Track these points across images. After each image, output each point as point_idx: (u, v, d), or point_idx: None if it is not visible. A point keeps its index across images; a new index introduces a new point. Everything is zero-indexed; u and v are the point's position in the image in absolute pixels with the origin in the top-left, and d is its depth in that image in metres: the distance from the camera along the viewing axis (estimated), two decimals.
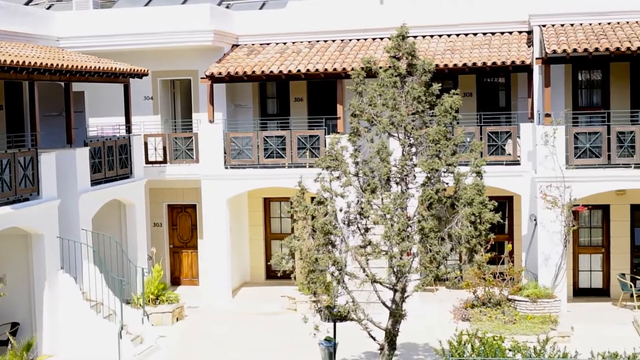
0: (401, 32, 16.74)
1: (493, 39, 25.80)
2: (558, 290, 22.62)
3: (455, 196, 16.15)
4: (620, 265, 24.68)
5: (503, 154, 24.02)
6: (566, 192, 22.45)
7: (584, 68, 25.17)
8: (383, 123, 16.26)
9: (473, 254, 16.20)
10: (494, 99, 26.61)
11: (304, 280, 16.57)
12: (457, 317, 22.39)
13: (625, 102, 24.79)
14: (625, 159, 22.45)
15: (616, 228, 24.77)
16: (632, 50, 21.96)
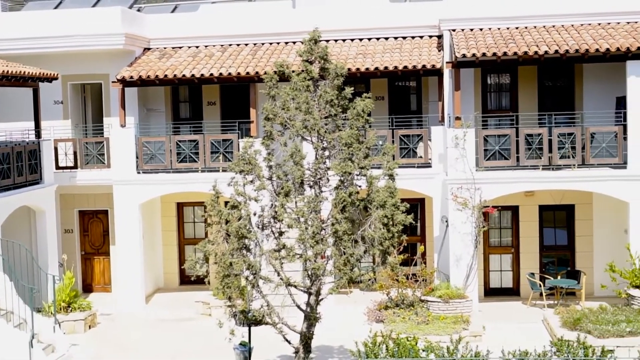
0: (313, 36, 16.82)
1: (404, 44, 26.09)
2: (469, 290, 22.98)
3: (368, 199, 16.28)
4: (529, 265, 25.21)
5: (415, 156, 24.31)
6: (476, 193, 22.83)
7: (493, 72, 25.66)
8: (296, 127, 16.31)
9: (386, 255, 16.37)
10: (406, 103, 26.91)
11: (219, 284, 16.50)
12: (371, 318, 22.55)
13: (533, 105, 25.35)
14: (534, 160, 22.95)
15: (525, 228, 25.31)
16: (539, 55, 22.48)
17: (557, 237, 25.57)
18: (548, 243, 25.53)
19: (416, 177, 24.08)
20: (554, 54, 22.52)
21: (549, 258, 25.55)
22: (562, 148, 22.84)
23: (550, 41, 23.01)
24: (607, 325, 20.28)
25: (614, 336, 19.82)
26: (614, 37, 22.94)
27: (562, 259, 25.52)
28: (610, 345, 18.49)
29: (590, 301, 23.41)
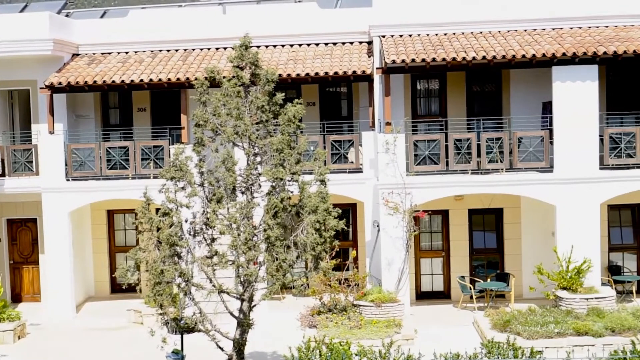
0: (244, 42, 16.82)
1: (335, 49, 26.23)
2: (401, 294, 23.18)
3: (300, 204, 16.32)
4: (460, 268, 25.53)
5: (346, 162, 24.45)
6: (407, 198, 23.05)
7: (422, 77, 25.95)
8: (227, 133, 16.28)
9: (319, 261, 16.42)
10: (337, 108, 27.05)
11: (150, 292, 16.36)
12: (304, 324, 22.59)
13: (461, 110, 25.70)
14: (463, 165, 23.27)
15: (455, 232, 25.63)
16: (467, 60, 22.81)
17: (487, 240, 25.95)
18: (478, 246, 25.90)
19: (348, 182, 24.21)
20: (481, 60, 22.89)
21: (478, 261, 25.91)
22: (490, 152, 23.20)
23: (477, 47, 23.36)
24: (536, 326, 20.64)
25: (542, 337, 20.18)
26: (540, 44, 23.40)
27: (492, 261, 25.90)
28: (539, 346, 18.87)
29: (520, 303, 23.80)
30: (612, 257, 25.57)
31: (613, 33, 24.18)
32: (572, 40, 23.56)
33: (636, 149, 23.11)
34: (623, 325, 20.57)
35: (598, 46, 22.89)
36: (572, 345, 19.55)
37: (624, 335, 20.03)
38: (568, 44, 23.17)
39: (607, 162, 23.23)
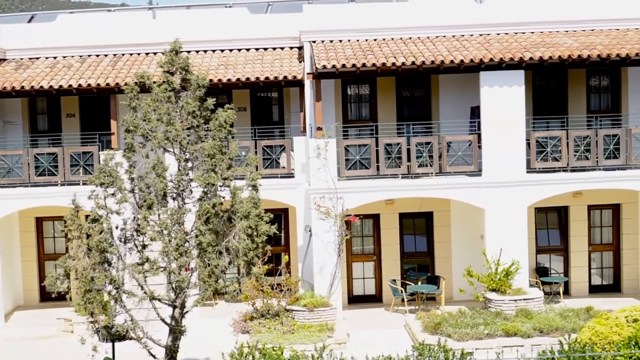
0: (174, 47, 16.75)
1: (266, 55, 26.27)
2: (334, 298, 23.28)
3: (232, 210, 16.31)
4: (391, 272, 25.73)
5: (278, 167, 24.47)
6: (339, 202, 23.18)
7: (353, 83, 26.10)
8: (158, 138, 16.20)
9: (251, 266, 16.43)
10: (268, 113, 27.06)
11: (80, 300, 16.18)
12: (237, 329, 22.54)
13: (391, 115, 25.92)
14: (393, 169, 23.49)
15: (386, 236, 25.83)
16: (397, 66, 23.04)
17: (417, 243, 26.20)
18: (408, 250, 26.12)
19: (279, 187, 24.24)
20: (410, 66, 23.15)
21: (409, 264, 26.14)
22: (420, 157, 23.47)
23: (407, 53, 23.62)
24: (466, 328, 20.92)
25: (473, 339, 20.45)
26: (468, 49, 23.75)
27: (423, 265, 26.15)
28: (469, 348, 19.07)
29: (450, 305, 24.08)
30: (540, 259, 26.04)
31: (539, 39, 24.66)
32: (499, 46, 23.97)
33: (562, 152, 23.59)
34: (551, 325, 20.97)
35: (524, 52, 23.32)
36: (501, 346, 19.86)
37: (552, 336, 20.41)
38: (495, 50, 23.56)
39: (534, 166, 23.68)
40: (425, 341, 17.39)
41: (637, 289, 25.87)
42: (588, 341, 17.67)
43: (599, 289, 26.13)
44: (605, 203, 25.93)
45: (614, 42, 24.07)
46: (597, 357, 16.63)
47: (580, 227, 25.95)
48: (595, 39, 24.51)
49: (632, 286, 25.94)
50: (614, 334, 17.59)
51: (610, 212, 26.18)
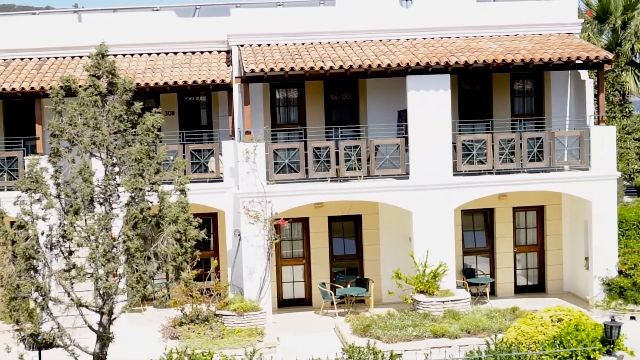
0: (101, 51, 16.57)
1: (193, 58, 26.13)
2: (263, 302, 23.26)
3: (160, 214, 16.20)
4: (320, 275, 25.80)
5: (206, 171, 24.36)
6: (268, 206, 23.17)
7: (281, 87, 26.13)
8: (84, 143, 16.00)
9: (180, 271, 16.33)
10: (196, 117, 26.91)
11: (6, 308, 15.88)
12: (166, 335, 22.37)
13: (320, 118, 26.00)
14: (322, 173, 23.58)
15: (316, 239, 25.90)
16: (324, 70, 23.14)
17: (346, 246, 26.33)
18: (338, 253, 26.24)
19: (208, 191, 24.14)
20: (338, 70, 23.28)
21: (339, 267, 26.25)
22: (349, 160, 23.60)
23: (335, 57, 23.74)
24: (395, 330, 21.10)
25: (401, 340, 20.64)
26: (395, 54, 23.98)
27: (352, 267, 26.28)
28: (398, 349, 19.27)
29: (379, 307, 24.26)
30: (467, 261, 26.39)
31: (464, 44, 25.02)
32: (425, 51, 24.25)
33: (487, 155, 23.96)
34: (478, 326, 21.28)
35: (450, 56, 23.64)
36: (430, 347, 20.06)
37: (479, 336, 20.72)
38: (422, 54, 23.83)
39: (460, 169, 24.01)
40: (355, 344, 17.52)
41: (561, 289, 26.41)
42: (514, 341, 17.99)
43: (524, 289, 26.61)
44: (530, 205, 26.43)
45: (537, 47, 24.55)
46: (523, 356, 16.93)
47: (506, 228, 26.39)
48: (519, 43, 24.97)
49: (556, 286, 26.47)
50: (539, 334, 17.94)
51: (534, 213, 26.68)
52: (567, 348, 16.94)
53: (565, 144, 24.29)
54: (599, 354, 16.89)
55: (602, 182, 24.19)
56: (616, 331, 16.98)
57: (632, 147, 36.58)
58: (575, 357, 16.87)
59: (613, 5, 36.95)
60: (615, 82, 35.49)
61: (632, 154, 36.74)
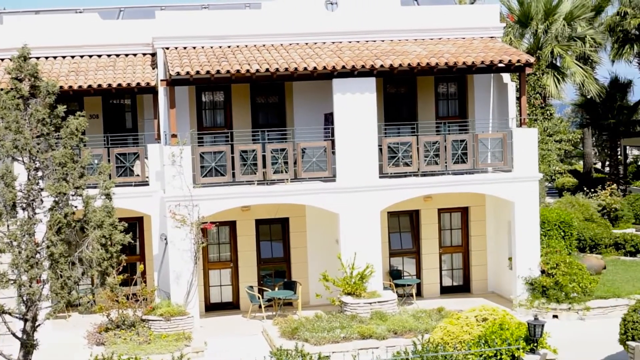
0: (23, 53, 16.29)
1: (118, 61, 25.87)
2: (190, 307, 23.13)
3: (84, 219, 16.00)
4: (248, 278, 25.76)
5: (132, 175, 24.12)
6: (194, 210, 23.06)
7: (207, 90, 26.00)
8: (6, 147, 15.72)
9: (105, 276, 16.15)
10: (121, 121, 26.61)
11: None
12: (91, 341, 22.07)
13: (246, 121, 25.96)
14: (249, 176, 23.56)
15: (243, 243, 25.85)
16: (251, 73, 23.13)
17: (274, 249, 26.33)
18: (265, 256, 26.21)
19: (134, 195, 23.90)
20: (265, 73, 23.29)
21: (266, 270, 26.23)
22: (276, 163, 23.62)
23: (261, 60, 23.74)
24: (322, 332, 21.18)
25: (329, 342, 20.72)
26: (321, 57, 24.08)
27: (279, 270, 26.29)
28: (326, 351, 19.36)
29: (307, 310, 24.33)
30: (393, 262, 26.62)
31: (389, 47, 25.25)
32: (350, 54, 24.41)
33: (412, 157, 24.22)
34: (404, 327, 21.49)
35: (375, 59, 23.83)
36: (357, 349, 20.20)
37: (406, 337, 20.93)
38: (347, 57, 23.98)
39: (386, 171, 24.22)
40: (283, 347, 17.54)
41: (485, 289, 26.83)
42: (440, 341, 18.22)
43: (450, 289, 26.97)
44: (455, 206, 26.80)
45: (460, 50, 24.91)
46: (449, 356, 17.16)
47: (431, 230, 26.71)
48: (443, 47, 25.30)
49: (481, 286, 26.88)
50: (465, 333, 18.20)
51: (459, 215, 27.05)
52: (492, 347, 17.22)
53: (488, 146, 24.70)
54: (523, 352, 17.20)
55: (524, 183, 24.66)
56: (539, 330, 17.31)
57: (553, 149, 37.37)
58: (500, 355, 17.16)
59: (534, 10, 37.68)
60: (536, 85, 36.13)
61: (554, 156, 37.53)
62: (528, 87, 34.40)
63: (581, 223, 31.82)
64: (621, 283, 25.91)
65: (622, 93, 45.21)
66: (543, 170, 33.57)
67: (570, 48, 38.47)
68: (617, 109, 43.98)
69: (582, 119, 49.67)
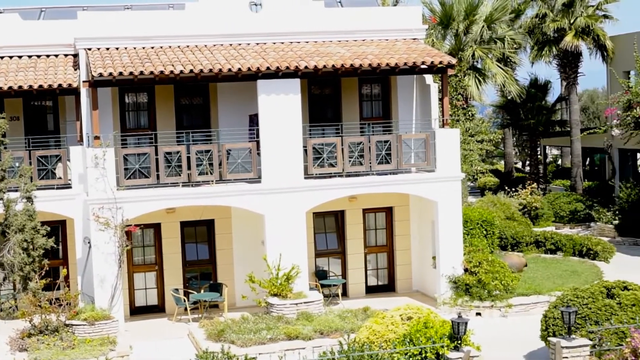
0: None
1: (39, 62, 25.47)
2: (115, 310, 22.89)
3: (5, 223, 15.77)
4: (173, 281, 25.60)
5: (54, 178, 23.79)
6: (118, 213, 22.83)
7: (131, 91, 25.74)
8: None
9: (27, 281, 15.97)
10: (43, 123, 26.20)
11: None
12: (14, 347, 21.66)
13: (171, 123, 25.78)
14: (174, 178, 23.42)
15: (168, 245, 25.68)
16: (175, 74, 23.00)
17: (199, 251, 26.21)
18: (191, 258, 26.08)
19: (56, 198, 23.57)
20: (189, 74, 23.19)
21: (192, 273, 26.10)
22: (201, 165, 23.54)
23: (185, 61, 23.62)
24: (249, 334, 21.19)
25: (256, 344, 20.74)
26: (245, 58, 24.07)
27: (205, 272, 26.18)
28: (253, 353, 19.41)
29: (234, 312, 24.29)
30: (319, 263, 26.73)
31: (313, 48, 25.36)
32: (275, 55, 24.45)
33: (337, 158, 24.37)
34: (330, 327, 21.62)
35: (299, 61, 23.92)
36: (284, 350, 20.25)
37: (332, 337, 21.06)
38: (272, 59, 24.02)
39: (312, 172, 24.33)
40: (209, 349, 17.51)
41: (410, 288, 27.13)
42: (366, 340, 18.40)
43: (375, 289, 27.20)
44: (379, 206, 27.05)
45: (383, 52, 25.15)
46: (375, 355, 17.34)
47: (356, 230, 26.90)
48: (367, 49, 25.51)
49: (406, 285, 27.18)
50: (390, 332, 18.41)
51: (383, 215, 27.30)
52: (416, 345, 17.44)
53: (412, 147, 24.98)
54: (447, 350, 17.47)
55: (447, 183, 25.03)
56: (463, 327, 17.59)
57: (475, 149, 37.92)
58: (425, 354, 17.40)
59: (455, 12, 38.17)
60: (458, 87, 36.63)
61: (475, 156, 38.08)
62: (450, 88, 34.83)
63: (503, 222, 32.37)
64: (542, 280, 26.48)
65: (541, 94, 46.11)
66: (465, 170, 34.07)
67: (491, 50, 39.08)
68: (537, 110, 44.83)
69: (503, 119, 50.51)
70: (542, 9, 42.62)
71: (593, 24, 40.96)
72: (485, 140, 39.47)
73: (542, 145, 50.55)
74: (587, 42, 41.52)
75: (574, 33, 41.22)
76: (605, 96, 45.36)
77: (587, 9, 41.65)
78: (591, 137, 41.79)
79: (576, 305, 18.86)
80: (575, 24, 41.28)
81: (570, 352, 17.76)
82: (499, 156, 61.46)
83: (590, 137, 41.77)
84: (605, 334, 18.07)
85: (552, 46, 42.89)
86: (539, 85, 46.07)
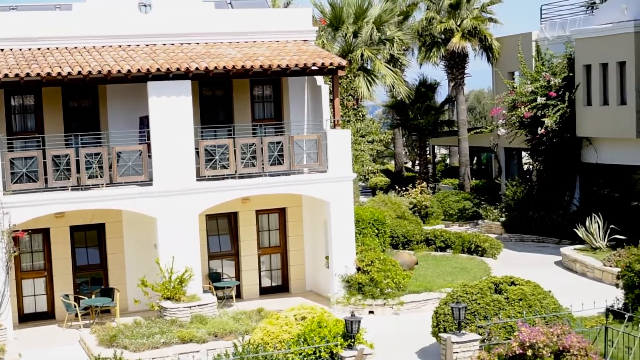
0: None
1: None
2: (3, 318, 22.32)
3: None
4: (63, 287, 25.10)
5: None
6: (5, 218, 22.30)
7: (17, 93, 25.12)
8: None
9: None
10: None
11: None
12: None
13: (59, 126, 25.28)
14: (63, 181, 22.99)
15: (57, 250, 25.16)
16: (62, 76, 22.57)
17: (90, 256, 25.78)
18: (81, 263, 25.62)
19: None
20: (77, 75, 22.80)
21: (82, 278, 25.65)
22: (90, 168, 23.17)
23: (73, 62, 23.21)
24: (142, 338, 20.97)
25: (149, 348, 20.56)
26: (135, 59, 23.81)
27: (96, 277, 25.76)
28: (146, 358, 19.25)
29: (126, 317, 23.98)
30: (212, 265, 26.65)
31: (204, 50, 25.26)
32: (165, 57, 24.25)
33: (230, 160, 24.34)
34: (225, 329, 21.59)
35: (190, 62, 23.80)
36: (178, 354, 20.13)
37: (227, 339, 21.04)
38: (162, 60, 23.82)
39: (204, 174, 24.24)
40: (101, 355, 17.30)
41: (304, 288, 27.30)
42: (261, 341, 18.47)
43: (269, 290, 27.27)
44: (272, 207, 27.13)
45: (274, 53, 25.24)
46: (269, 356, 17.41)
47: (250, 231, 26.92)
48: (258, 50, 25.55)
49: (300, 286, 27.33)
50: (285, 333, 18.51)
51: (276, 216, 27.39)
52: (311, 345, 17.59)
53: (304, 148, 25.14)
54: (341, 348, 17.67)
55: (339, 183, 25.29)
56: (356, 326, 17.82)
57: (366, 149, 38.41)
58: (319, 353, 17.56)
59: (345, 14, 38.56)
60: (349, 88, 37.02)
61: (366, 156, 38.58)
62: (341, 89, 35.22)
63: (394, 221, 32.86)
64: (432, 277, 26.99)
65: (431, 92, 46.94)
66: (357, 170, 34.48)
67: (380, 52, 39.63)
68: (425, 110, 45.63)
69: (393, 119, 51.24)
70: (429, 12, 43.42)
71: (480, 25, 41.97)
72: (375, 140, 40.00)
73: (431, 145, 51.49)
74: (473, 44, 42.50)
75: (461, 34, 42.18)
76: (491, 96, 46.47)
77: (472, 10, 42.65)
78: (478, 136, 42.81)
79: (466, 301, 19.33)
80: (462, 25, 42.24)
81: (460, 347, 18.19)
82: (389, 156, 62.31)
83: (477, 136, 42.79)
84: (494, 329, 18.56)
85: (440, 47, 43.74)
86: (427, 85, 46.90)
